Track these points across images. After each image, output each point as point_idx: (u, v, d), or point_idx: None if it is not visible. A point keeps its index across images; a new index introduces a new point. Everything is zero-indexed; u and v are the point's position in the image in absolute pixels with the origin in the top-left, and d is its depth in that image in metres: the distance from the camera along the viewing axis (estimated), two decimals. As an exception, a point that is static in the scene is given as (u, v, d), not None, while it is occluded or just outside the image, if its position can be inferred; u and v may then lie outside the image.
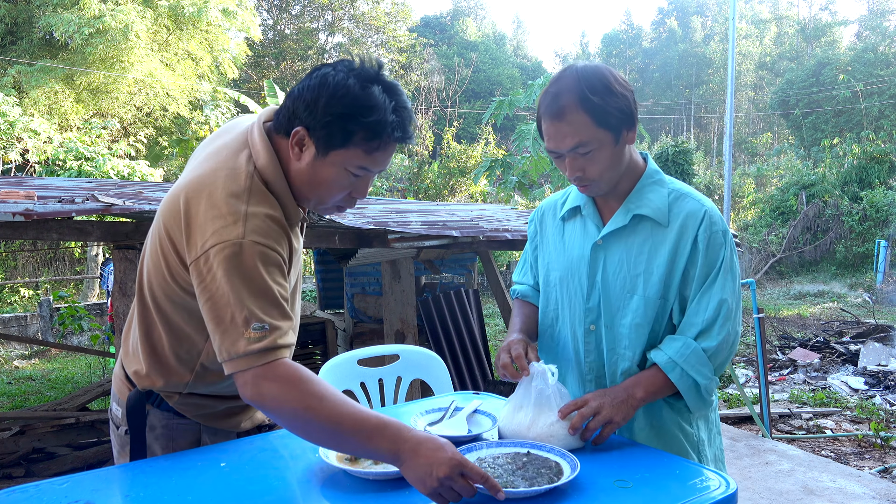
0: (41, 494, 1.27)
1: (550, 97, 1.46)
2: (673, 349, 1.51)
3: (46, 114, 13.20)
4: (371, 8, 25.62)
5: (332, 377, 2.13)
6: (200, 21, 14.56)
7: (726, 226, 1.55)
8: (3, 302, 11.85)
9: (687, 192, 1.58)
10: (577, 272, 1.62)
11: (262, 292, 1.26)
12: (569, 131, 1.45)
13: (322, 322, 5.95)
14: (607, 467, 1.37)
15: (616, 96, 1.45)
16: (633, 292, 1.55)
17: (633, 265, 1.55)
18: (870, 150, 18.22)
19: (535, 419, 1.46)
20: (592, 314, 1.60)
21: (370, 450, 1.23)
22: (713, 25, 43.03)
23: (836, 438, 4.88)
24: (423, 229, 3.81)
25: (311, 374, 1.27)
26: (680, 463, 1.41)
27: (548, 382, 1.48)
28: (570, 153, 1.47)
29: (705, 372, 1.50)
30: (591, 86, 1.44)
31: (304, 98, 1.32)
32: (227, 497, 1.26)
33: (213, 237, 1.26)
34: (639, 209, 1.56)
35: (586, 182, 1.52)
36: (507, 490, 1.21)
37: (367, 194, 1.46)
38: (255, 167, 1.36)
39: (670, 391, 1.51)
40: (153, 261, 1.42)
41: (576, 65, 1.50)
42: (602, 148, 1.47)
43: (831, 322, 10.10)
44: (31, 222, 2.89)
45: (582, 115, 1.43)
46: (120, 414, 1.56)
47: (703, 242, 1.52)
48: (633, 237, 1.57)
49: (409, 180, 18.12)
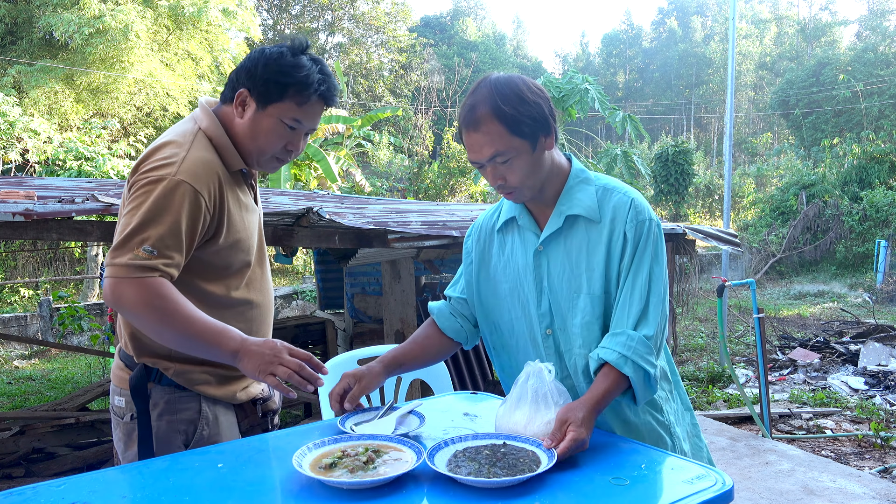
0: (38, 497, 1.27)
1: (467, 109, 1.50)
2: (619, 344, 1.50)
3: (46, 114, 13.21)
4: (371, 8, 25.63)
5: (332, 377, 2.13)
6: (200, 21, 14.56)
7: (651, 214, 1.59)
8: (3, 302, 11.85)
9: (613, 185, 1.62)
10: (525, 281, 1.65)
11: (169, 224, 1.48)
12: (485, 141, 1.49)
13: (322, 322, 5.95)
14: (603, 465, 1.37)
15: (529, 104, 1.49)
16: (579, 291, 1.59)
17: (574, 265, 1.59)
18: (870, 150, 18.22)
19: (532, 417, 1.47)
20: (546, 319, 1.63)
21: (215, 350, 1.50)
22: (713, 25, 43.03)
23: (836, 438, 4.88)
24: (423, 229, 3.81)
25: (175, 292, 1.48)
26: (676, 460, 1.42)
27: (544, 381, 1.49)
28: (489, 163, 1.52)
29: (652, 360, 1.51)
30: (504, 96, 1.48)
31: (245, 67, 1.62)
32: (225, 498, 1.27)
33: (152, 170, 1.51)
34: (570, 210, 1.59)
35: (509, 189, 1.57)
36: (490, 480, 1.23)
37: (301, 151, 1.69)
38: (200, 128, 1.63)
39: (623, 388, 1.51)
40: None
41: (490, 76, 1.54)
42: (520, 156, 1.51)
43: (831, 322, 10.10)
44: (31, 222, 2.89)
45: (496, 124, 1.47)
46: (123, 402, 1.66)
47: (630, 232, 1.56)
48: (571, 238, 1.60)
49: (409, 180, 18.13)
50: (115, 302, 1.47)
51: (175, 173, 1.50)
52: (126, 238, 1.46)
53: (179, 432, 1.64)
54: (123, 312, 1.52)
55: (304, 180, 15.01)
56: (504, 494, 1.22)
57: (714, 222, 22.27)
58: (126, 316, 1.55)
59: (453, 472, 1.27)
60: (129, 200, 1.52)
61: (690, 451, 1.70)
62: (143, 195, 1.49)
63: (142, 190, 1.50)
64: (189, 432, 1.65)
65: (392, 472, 1.28)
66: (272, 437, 1.65)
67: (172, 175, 1.49)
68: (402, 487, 1.27)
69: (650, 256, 1.55)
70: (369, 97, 24.67)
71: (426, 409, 1.70)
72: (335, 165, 14.83)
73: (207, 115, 1.64)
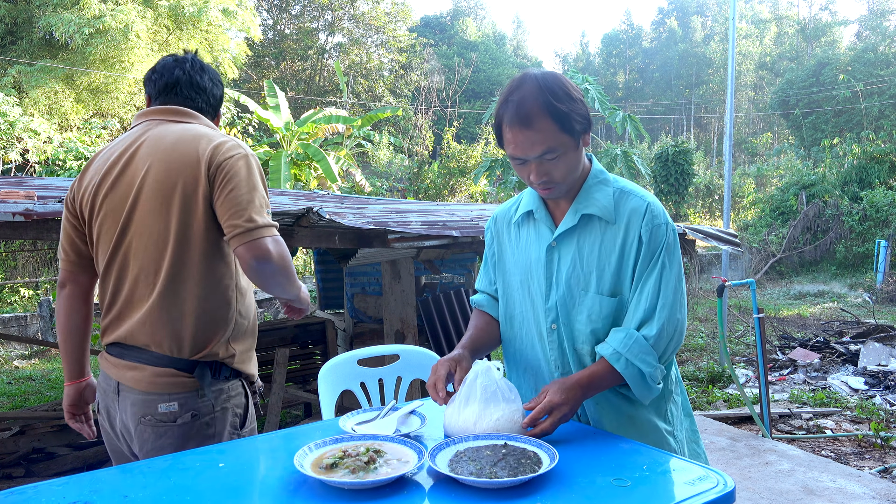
0: (39, 495, 1.27)
1: (515, 105, 1.49)
2: (616, 340, 1.55)
3: (46, 114, 13.21)
4: (371, 8, 25.63)
5: (332, 377, 2.13)
6: (200, 21, 14.55)
7: (667, 218, 1.60)
8: (3, 302, 11.85)
9: (631, 189, 1.63)
10: (536, 274, 1.67)
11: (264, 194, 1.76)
12: (537, 138, 1.49)
13: (322, 322, 5.95)
14: (604, 466, 1.37)
15: (576, 102, 1.52)
16: (587, 290, 1.60)
17: (585, 264, 1.60)
18: (870, 150, 18.22)
19: (482, 415, 1.48)
20: (552, 313, 1.64)
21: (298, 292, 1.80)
22: (713, 25, 43.04)
23: (836, 438, 4.88)
24: (423, 229, 3.80)
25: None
26: (678, 461, 1.41)
27: (493, 378, 1.51)
28: (537, 159, 1.52)
29: (649, 360, 1.53)
30: (554, 93, 1.49)
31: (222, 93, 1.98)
32: (227, 498, 1.26)
33: (230, 150, 1.71)
34: (586, 209, 1.60)
35: (551, 185, 1.57)
36: (492, 481, 1.23)
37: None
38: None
39: (617, 381, 1.55)
40: (180, 230, 1.67)
41: (531, 72, 1.54)
42: (567, 153, 1.53)
43: (831, 322, 10.10)
44: (31, 222, 2.89)
45: (549, 121, 1.48)
46: (177, 405, 1.69)
47: (645, 236, 1.57)
48: (584, 237, 1.62)
49: (409, 180, 18.12)
50: (279, 255, 1.63)
51: (248, 151, 1.78)
52: (260, 204, 1.67)
53: (236, 416, 1.76)
54: (278, 267, 1.64)
55: (304, 180, 15.01)
56: (505, 495, 1.22)
57: (714, 222, 22.28)
58: (276, 272, 1.64)
59: (455, 472, 1.27)
60: (232, 174, 1.68)
61: (689, 456, 1.71)
62: (241, 167, 1.70)
63: (239, 163, 1.71)
64: (241, 415, 1.79)
65: (393, 473, 1.28)
66: (273, 436, 1.65)
67: (248, 153, 1.75)
68: (404, 488, 1.27)
69: (663, 261, 1.57)
70: (369, 97, 24.67)
71: (427, 409, 1.70)
72: (335, 165, 14.83)
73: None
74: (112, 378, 1.75)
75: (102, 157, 1.80)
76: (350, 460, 1.33)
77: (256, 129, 17.15)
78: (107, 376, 1.78)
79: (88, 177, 1.79)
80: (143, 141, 1.74)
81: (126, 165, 1.72)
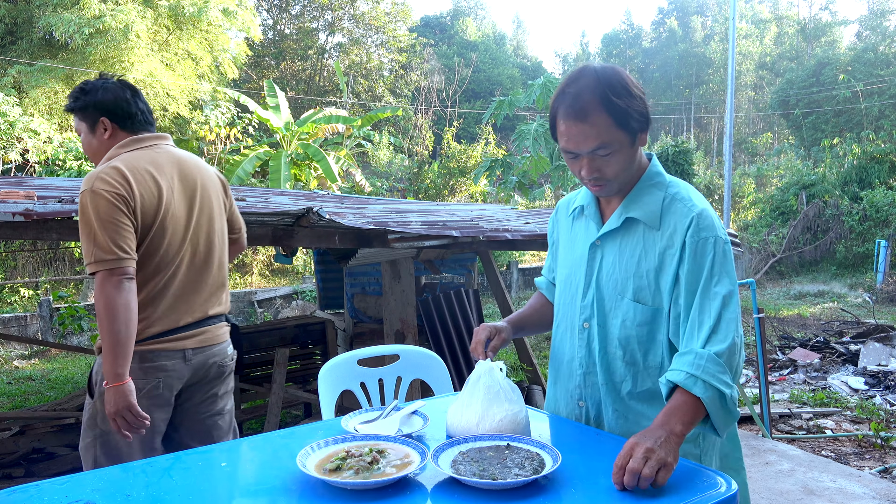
0: (41, 494, 1.27)
1: (571, 98, 1.45)
2: (686, 363, 1.40)
3: (46, 114, 13.20)
4: (371, 8, 25.61)
5: (332, 377, 2.13)
6: (200, 21, 14.55)
7: (717, 230, 1.49)
8: (3, 302, 11.84)
9: (683, 196, 1.54)
10: (578, 270, 1.64)
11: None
12: (592, 133, 1.44)
13: (322, 322, 5.94)
14: (607, 467, 1.36)
15: (636, 98, 1.46)
16: (624, 295, 1.55)
17: (624, 268, 1.55)
18: (870, 150, 18.22)
19: (484, 415, 1.47)
20: (586, 312, 1.61)
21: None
22: (713, 25, 43.02)
23: (836, 438, 4.88)
24: (423, 229, 3.80)
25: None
26: (680, 463, 1.41)
27: (495, 378, 1.50)
28: (590, 154, 1.47)
29: (726, 380, 1.38)
30: (613, 87, 1.43)
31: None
32: (229, 498, 1.26)
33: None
34: (631, 212, 1.55)
35: (602, 182, 1.52)
36: (495, 481, 1.23)
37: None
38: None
39: (697, 414, 1.37)
40: (218, 215, 2.33)
41: (591, 65, 1.49)
42: (621, 150, 1.47)
43: (831, 322, 10.10)
44: (31, 222, 2.88)
45: (605, 116, 1.43)
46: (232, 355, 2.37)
47: (690, 248, 1.48)
48: (627, 240, 1.56)
49: (409, 180, 18.12)
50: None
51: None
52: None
53: None
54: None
55: (304, 180, 15.01)
56: (508, 496, 1.22)
57: (714, 222, 22.20)
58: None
59: (457, 473, 1.27)
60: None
61: (719, 463, 1.59)
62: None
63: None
64: None
65: (397, 473, 1.28)
66: (273, 436, 1.65)
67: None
68: (407, 488, 1.27)
69: (717, 275, 1.46)
70: (369, 97, 24.67)
71: (429, 409, 1.70)
72: (335, 165, 14.83)
73: None
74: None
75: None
76: (353, 460, 1.33)
77: (256, 129, 17.14)
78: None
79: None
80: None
81: None
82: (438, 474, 1.32)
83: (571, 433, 1.60)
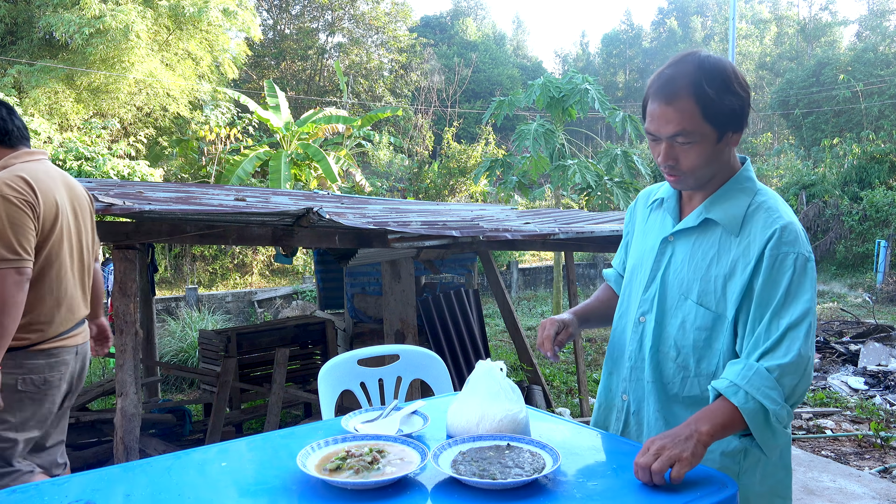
0: (41, 494, 1.27)
1: (665, 79, 1.42)
2: (733, 372, 1.36)
3: (46, 114, 13.20)
4: (371, 8, 25.60)
5: (332, 377, 2.13)
6: (201, 21, 14.54)
7: (801, 246, 1.41)
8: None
9: (770, 206, 1.47)
10: (645, 262, 1.60)
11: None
12: (675, 117, 1.40)
13: (322, 322, 5.95)
14: (607, 467, 1.37)
15: (732, 94, 1.40)
16: (688, 296, 1.49)
17: (694, 269, 1.50)
18: (870, 150, 18.22)
19: (485, 415, 1.47)
20: (644, 306, 1.57)
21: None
22: (713, 25, 43.03)
23: (836, 438, 4.88)
24: (423, 229, 3.80)
25: None
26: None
27: (496, 378, 1.50)
28: (669, 139, 1.43)
29: (773, 396, 1.32)
30: (710, 77, 1.39)
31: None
32: (228, 498, 1.27)
33: None
34: (711, 213, 1.49)
35: (676, 173, 1.48)
36: (495, 481, 1.23)
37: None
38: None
39: (736, 424, 1.33)
40: (92, 229, 2.60)
41: (700, 52, 1.44)
42: (702, 142, 1.42)
43: (831, 322, 10.10)
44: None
45: (692, 104, 1.38)
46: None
47: (768, 261, 1.40)
48: (701, 240, 1.51)
49: (409, 180, 18.11)
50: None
51: None
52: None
53: None
54: None
55: (304, 180, 15.01)
56: (509, 496, 1.22)
57: (714, 222, 22.21)
58: None
59: (458, 473, 1.27)
60: None
61: (766, 489, 1.49)
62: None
63: None
64: None
65: (397, 473, 1.28)
66: (273, 436, 1.65)
67: None
68: (407, 488, 1.27)
69: (792, 290, 1.38)
70: (369, 97, 24.67)
71: (429, 409, 1.70)
72: (335, 165, 14.82)
73: None
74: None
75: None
76: (353, 460, 1.33)
77: (256, 129, 17.14)
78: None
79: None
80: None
81: None
82: (438, 474, 1.32)
83: (570, 433, 1.60)
